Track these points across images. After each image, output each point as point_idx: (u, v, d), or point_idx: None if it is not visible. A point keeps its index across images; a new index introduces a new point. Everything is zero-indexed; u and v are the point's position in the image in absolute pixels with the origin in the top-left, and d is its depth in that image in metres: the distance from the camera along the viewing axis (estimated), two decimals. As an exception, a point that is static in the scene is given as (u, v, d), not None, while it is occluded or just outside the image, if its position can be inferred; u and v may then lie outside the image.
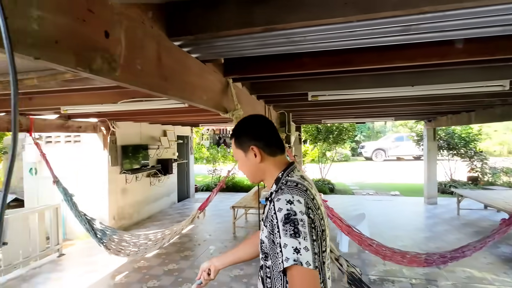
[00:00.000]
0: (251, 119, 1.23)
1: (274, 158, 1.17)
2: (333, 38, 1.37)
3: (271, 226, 0.98)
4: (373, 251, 3.79)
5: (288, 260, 0.89)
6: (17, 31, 0.66)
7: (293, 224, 0.93)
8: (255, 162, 1.15)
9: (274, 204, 0.99)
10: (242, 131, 1.20)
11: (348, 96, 2.89)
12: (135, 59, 1.08)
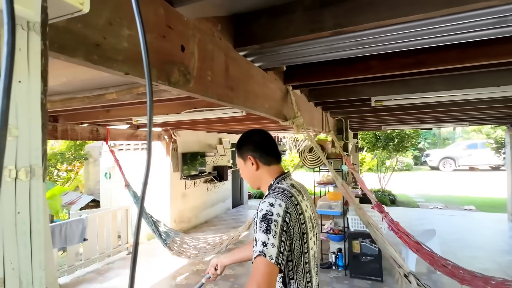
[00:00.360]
0: (251, 133, 1.40)
1: (269, 167, 1.31)
2: (408, 37, 1.25)
3: (254, 225, 1.13)
4: (448, 273, 3.35)
5: (256, 251, 1.01)
6: (111, 50, 0.72)
7: (267, 222, 1.06)
8: (252, 170, 1.31)
9: (259, 205, 1.14)
10: (243, 143, 1.38)
11: (417, 100, 2.64)
12: (206, 70, 1.12)
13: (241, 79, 1.41)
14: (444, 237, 6.17)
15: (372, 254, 4.39)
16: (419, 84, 2.53)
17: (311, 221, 1.22)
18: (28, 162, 0.35)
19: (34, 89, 0.35)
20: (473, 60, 1.63)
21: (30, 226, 0.35)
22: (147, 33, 0.83)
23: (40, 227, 0.35)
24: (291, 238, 1.09)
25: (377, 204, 3.88)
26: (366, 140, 10.56)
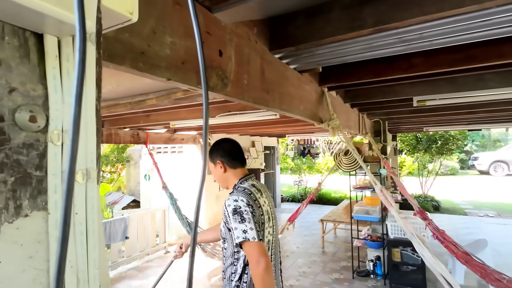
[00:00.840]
0: (221, 141, 1.70)
1: (234, 170, 1.61)
2: (458, 31, 1.16)
3: (225, 218, 1.43)
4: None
5: (238, 238, 1.33)
6: (155, 57, 0.75)
7: (239, 214, 1.36)
8: (221, 172, 1.61)
9: (226, 202, 1.43)
10: (213, 149, 1.64)
11: (466, 99, 2.44)
12: (242, 74, 1.12)
13: (276, 82, 1.40)
14: (497, 248, 5.64)
15: (414, 263, 4.13)
16: (469, 82, 2.34)
17: (268, 214, 1.53)
18: (85, 165, 0.37)
19: (90, 96, 0.37)
20: (533, 54, 1.47)
21: (86, 226, 0.36)
22: (188, 39, 0.86)
23: (95, 227, 0.37)
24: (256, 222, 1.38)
25: (420, 211, 3.64)
26: (406, 143, 10.00)
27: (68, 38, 0.35)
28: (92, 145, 0.38)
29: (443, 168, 18.56)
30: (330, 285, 4.18)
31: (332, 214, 6.37)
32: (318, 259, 5.26)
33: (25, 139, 0.32)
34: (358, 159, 2.00)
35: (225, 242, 1.47)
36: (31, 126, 0.32)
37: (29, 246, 0.32)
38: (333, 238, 6.47)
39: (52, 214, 0.34)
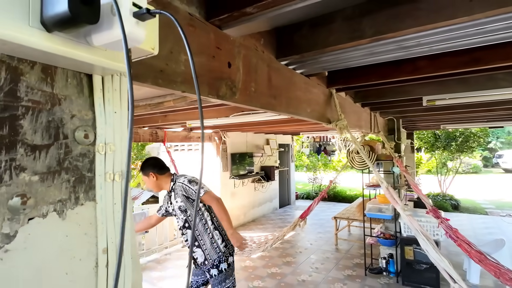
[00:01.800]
0: (148, 159, 2.42)
1: (163, 175, 2.32)
2: (454, 38, 1.22)
3: (184, 192, 2.22)
4: (517, 288, 3.03)
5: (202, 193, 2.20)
6: (172, 73, 0.87)
7: (194, 182, 2.25)
8: (154, 180, 2.29)
9: (181, 183, 2.23)
10: (144, 166, 2.33)
11: (476, 99, 2.44)
12: (250, 82, 1.24)
13: (283, 87, 1.51)
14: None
15: (427, 262, 4.11)
16: (480, 81, 2.35)
17: None
18: (120, 168, 0.49)
19: (124, 117, 0.50)
20: (538, 56, 1.49)
21: (122, 216, 0.49)
22: (200, 56, 0.98)
23: (129, 215, 0.50)
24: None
25: (433, 209, 3.65)
26: (424, 140, 9.79)
27: (109, 76, 0.47)
28: (125, 153, 0.50)
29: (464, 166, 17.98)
30: (343, 281, 4.24)
31: (345, 212, 6.39)
32: (331, 255, 5.32)
33: (81, 150, 0.44)
34: (366, 159, 2.07)
35: (187, 211, 2.25)
36: (85, 141, 0.44)
37: (84, 226, 0.45)
38: (347, 235, 6.49)
39: (99, 204, 0.46)
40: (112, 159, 0.49)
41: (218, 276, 2.21)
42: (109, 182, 0.48)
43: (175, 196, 2.26)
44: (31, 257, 0.39)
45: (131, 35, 0.37)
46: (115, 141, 0.49)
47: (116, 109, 0.49)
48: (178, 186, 2.22)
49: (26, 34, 0.34)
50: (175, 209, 2.29)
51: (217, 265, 2.22)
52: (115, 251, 0.47)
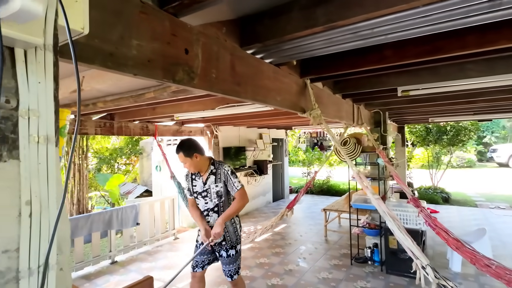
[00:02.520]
0: (189, 141, 2.66)
1: (203, 157, 2.59)
2: (405, 27, 1.28)
3: (225, 178, 2.54)
4: (492, 273, 3.10)
5: (239, 186, 2.51)
6: (122, 57, 0.93)
7: (235, 174, 2.56)
8: (197, 161, 2.54)
9: (225, 170, 2.56)
10: (187, 147, 2.55)
11: (448, 88, 2.51)
12: (210, 69, 1.30)
13: (249, 75, 1.57)
14: (503, 239, 5.62)
15: (411, 251, 4.22)
16: (451, 72, 2.41)
17: None
18: (46, 132, 0.56)
19: (49, 87, 0.56)
20: (493, 44, 1.56)
21: (47, 173, 0.56)
22: (154, 42, 1.04)
23: (53, 175, 0.56)
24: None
25: (413, 199, 3.74)
26: (416, 134, 9.88)
27: (32, 49, 0.53)
28: (51, 120, 0.57)
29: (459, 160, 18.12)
30: (328, 270, 4.34)
31: (335, 204, 6.49)
32: (320, 246, 5.42)
33: (3, 114, 0.51)
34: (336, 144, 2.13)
35: (222, 197, 2.54)
36: (6, 106, 0.51)
37: (7, 181, 0.51)
38: (337, 227, 6.60)
39: (23, 162, 0.53)
40: (37, 124, 0.55)
41: (234, 256, 2.58)
42: (34, 144, 0.55)
43: (215, 180, 2.53)
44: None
45: (26, 8, 0.44)
46: (39, 108, 0.55)
47: (40, 80, 0.55)
48: (223, 172, 2.52)
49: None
50: (210, 192, 2.54)
51: (235, 246, 2.59)
52: (39, 204, 0.54)
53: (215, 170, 2.56)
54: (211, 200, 2.54)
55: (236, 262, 2.60)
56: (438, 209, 8.06)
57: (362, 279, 4.07)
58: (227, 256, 2.54)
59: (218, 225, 2.41)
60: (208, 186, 2.55)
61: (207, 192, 2.55)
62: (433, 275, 2.00)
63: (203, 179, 2.58)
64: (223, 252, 2.56)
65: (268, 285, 3.92)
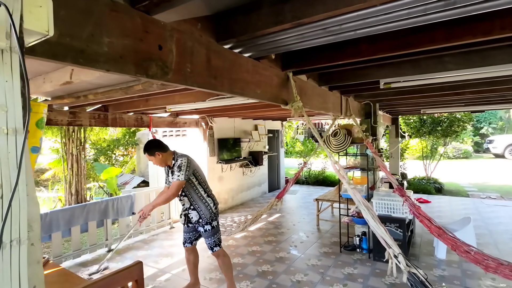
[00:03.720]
0: (150, 142, 3.11)
1: (166, 152, 3.05)
2: (369, 24, 1.34)
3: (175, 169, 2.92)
4: (471, 259, 3.24)
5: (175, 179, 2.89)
6: (94, 54, 1.01)
7: (180, 167, 2.91)
8: (160, 158, 3.00)
9: (177, 162, 2.94)
10: (149, 148, 3.02)
11: (428, 81, 2.57)
12: (185, 63, 1.37)
13: (225, 68, 1.63)
14: (490, 228, 5.76)
15: (398, 239, 4.34)
16: (430, 64, 2.47)
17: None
18: (14, 125, 0.64)
19: (16, 85, 0.64)
20: (459, 39, 1.62)
21: (16, 161, 0.64)
22: (125, 39, 1.11)
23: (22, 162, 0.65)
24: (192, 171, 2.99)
25: (398, 188, 3.85)
26: (411, 125, 9.96)
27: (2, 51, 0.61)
28: (19, 114, 0.65)
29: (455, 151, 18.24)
30: (318, 258, 4.48)
31: (328, 194, 6.62)
32: (312, 235, 5.56)
33: (-27, 109, 0.59)
34: (316, 136, 2.21)
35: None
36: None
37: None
38: (330, 217, 6.74)
39: (-7, 150, 0.62)
40: (5, 118, 0.63)
41: (211, 231, 3.04)
42: (3, 135, 0.63)
43: (173, 172, 2.95)
44: None
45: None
46: (7, 103, 0.63)
47: (8, 79, 0.63)
48: (176, 165, 2.93)
49: None
50: (170, 182, 3.08)
51: (210, 222, 3.04)
52: (9, 188, 0.63)
53: (174, 162, 3.00)
54: None
55: (215, 236, 3.07)
56: (430, 199, 8.21)
57: (350, 266, 4.21)
58: (204, 231, 3.03)
59: (146, 207, 3.02)
60: (173, 177, 2.96)
61: (171, 182, 3.02)
62: (404, 263, 2.10)
63: (166, 171, 3.18)
64: (200, 228, 3.06)
65: (259, 271, 4.06)
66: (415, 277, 1.99)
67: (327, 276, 3.91)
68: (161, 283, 3.82)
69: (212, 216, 3.06)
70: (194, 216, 3.04)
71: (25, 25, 0.65)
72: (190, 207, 3.05)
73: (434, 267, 4.17)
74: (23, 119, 0.65)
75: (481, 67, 2.28)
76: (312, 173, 11.24)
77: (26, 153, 0.66)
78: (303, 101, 2.42)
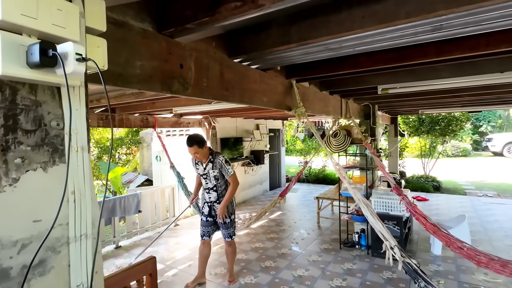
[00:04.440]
0: (199, 136, 3.30)
1: (207, 147, 3.26)
2: (366, 43, 1.50)
3: (220, 166, 3.24)
4: (464, 255, 3.42)
5: (231, 173, 3.23)
6: (129, 76, 1.17)
7: (228, 162, 3.27)
8: (205, 151, 3.23)
9: (219, 158, 3.25)
10: (200, 141, 3.21)
11: (423, 87, 2.73)
12: (202, 78, 1.53)
13: (236, 80, 1.79)
14: (485, 225, 5.93)
15: (395, 235, 4.51)
16: (425, 72, 2.63)
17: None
18: (82, 144, 0.81)
19: (82, 112, 0.80)
20: (449, 54, 1.78)
21: (83, 172, 0.81)
22: (153, 61, 1.27)
23: (87, 173, 0.81)
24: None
25: (395, 187, 4.02)
26: (410, 124, 10.12)
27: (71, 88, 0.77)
28: (84, 135, 0.81)
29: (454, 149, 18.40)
30: (318, 254, 4.66)
31: (328, 192, 6.80)
32: (312, 232, 5.74)
33: (55, 133, 0.75)
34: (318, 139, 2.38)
35: (219, 180, 3.29)
36: (57, 127, 0.75)
37: (59, 177, 0.76)
38: (330, 214, 6.92)
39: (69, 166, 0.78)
40: (76, 138, 0.80)
41: (230, 223, 3.40)
42: (74, 152, 0.79)
43: (212, 167, 3.25)
44: (29, 191, 0.71)
45: (75, 70, 0.68)
46: (77, 127, 0.80)
47: (77, 107, 0.80)
48: (218, 162, 3.21)
49: (19, 70, 0.64)
50: (209, 175, 3.30)
51: (230, 216, 3.39)
52: (79, 193, 0.80)
53: (212, 159, 3.26)
54: (210, 181, 3.33)
55: (232, 227, 3.46)
56: (428, 197, 8.38)
57: (349, 261, 4.39)
58: (224, 223, 3.36)
59: (220, 208, 3.25)
60: (207, 171, 3.28)
61: (207, 175, 3.32)
62: (399, 254, 2.27)
63: (204, 165, 3.32)
64: (221, 220, 3.34)
65: (262, 267, 4.24)
66: (409, 266, 2.17)
67: (327, 271, 4.09)
68: (169, 278, 4.01)
69: (232, 209, 3.42)
70: (218, 209, 3.31)
71: (88, 64, 0.82)
72: (216, 200, 3.33)
73: (430, 263, 4.35)
74: (87, 138, 0.82)
75: (472, 75, 2.44)
76: (312, 171, 11.41)
77: (90, 165, 0.83)
78: (306, 106, 2.59)
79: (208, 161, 3.27)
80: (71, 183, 0.78)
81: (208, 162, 3.28)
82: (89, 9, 0.81)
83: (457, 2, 1.07)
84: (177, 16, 1.21)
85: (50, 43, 0.65)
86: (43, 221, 0.73)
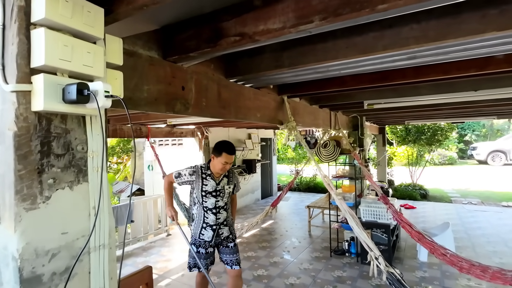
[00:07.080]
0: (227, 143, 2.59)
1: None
2: (350, 67, 1.67)
3: (236, 180, 2.84)
4: (447, 261, 3.58)
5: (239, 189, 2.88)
6: (137, 100, 1.29)
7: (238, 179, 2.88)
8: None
9: (234, 171, 2.81)
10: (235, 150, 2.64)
11: (404, 103, 2.93)
12: (201, 98, 1.66)
13: (232, 99, 1.93)
14: (469, 232, 6.15)
15: (383, 243, 4.68)
16: (406, 90, 2.84)
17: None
18: (100, 164, 0.92)
19: (101, 136, 0.92)
20: (425, 76, 1.97)
21: (101, 189, 0.92)
22: (159, 84, 1.40)
23: (105, 190, 0.93)
24: None
25: (382, 196, 4.20)
26: (397, 134, 10.44)
27: (94, 116, 0.89)
28: (101, 156, 0.93)
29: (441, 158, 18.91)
30: (309, 262, 4.77)
31: (319, 201, 6.94)
32: (304, 240, 5.85)
33: (80, 156, 0.87)
34: (308, 152, 2.52)
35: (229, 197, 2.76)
36: (82, 151, 0.87)
37: (83, 194, 0.87)
38: (321, 223, 7.05)
39: (90, 183, 0.89)
40: (97, 160, 0.92)
41: (235, 247, 2.80)
42: (96, 172, 0.91)
43: (228, 182, 2.68)
44: (58, 207, 0.82)
45: (104, 105, 0.80)
46: (98, 150, 0.92)
47: (98, 133, 0.92)
48: (235, 175, 2.81)
49: (57, 106, 0.77)
50: (224, 192, 2.65)
51: (235, 239, 2.84)
52: (98, 208, 0.91)
53: (227, 172, 2.69)
54: (222, 199, 2.63)
55: (238, 252, 2.84)
56: (415, 205, 8.62)
57: (339, 269, 4.51)
58: (234, 245, 2.77)
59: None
60: (222, 187, 2.63)
61: (220, 192, 2.62)
62: (384, 264, 2.40)
63: (217, 180, 2.62)
64: (230, 243, 2.77)
65: (254, 275, 4.32)
66: (393, 276, 2.30)
67: (318, 279, 4.19)
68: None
69: (235, 233, 2.91)
70: (225, 232, 2.72)
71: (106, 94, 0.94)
72: (223, 222, 2.69)
73: (416, 269, 4.51)
74: (104, 159, 0.94)
75: (449, 93, 2.65)
76: (303, 180, 11.57)
77: (107, 183, 0.94)
78: (296, 119, 2.74)
79: (223, 176, 2.65)
80: (92, 199, 0.89)
81: (222, 176, 2.65)
82: (109, 47, 0.94)
83: (425, 38, 1.24)
84: (182, 46, 1.34)
85: (85, 84, 0.78)
86: (70, 233, 0.84)
